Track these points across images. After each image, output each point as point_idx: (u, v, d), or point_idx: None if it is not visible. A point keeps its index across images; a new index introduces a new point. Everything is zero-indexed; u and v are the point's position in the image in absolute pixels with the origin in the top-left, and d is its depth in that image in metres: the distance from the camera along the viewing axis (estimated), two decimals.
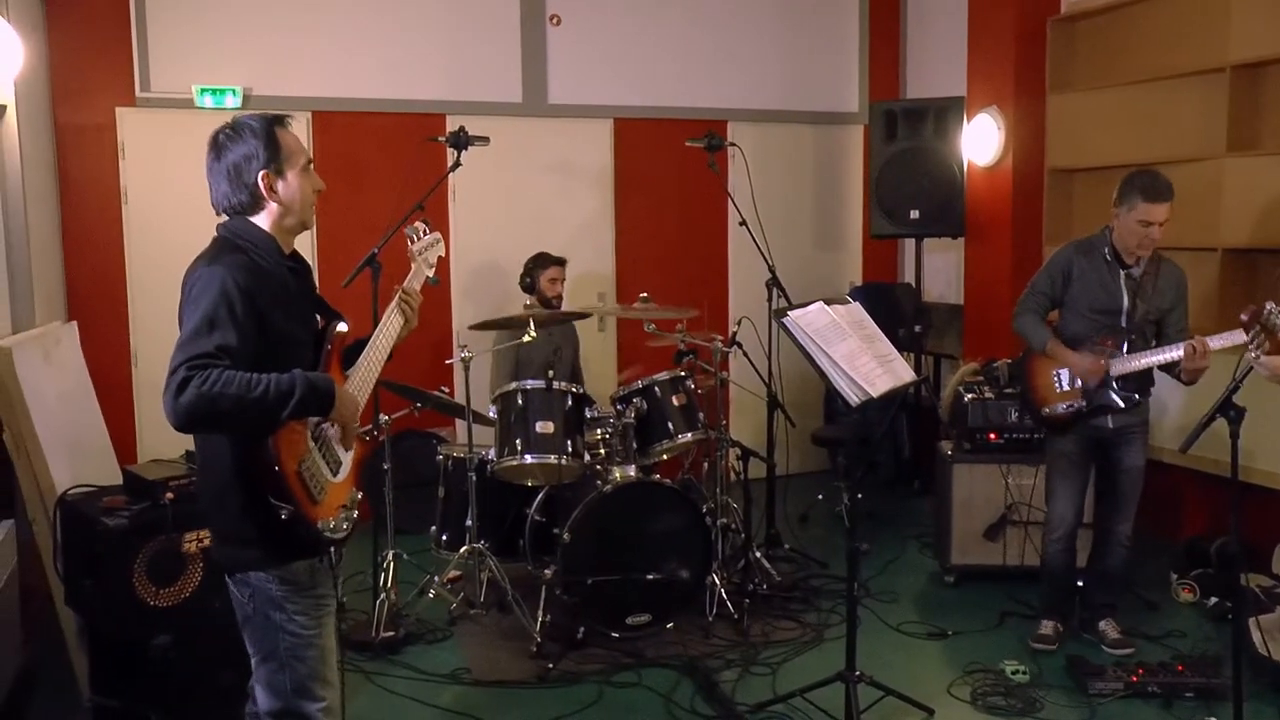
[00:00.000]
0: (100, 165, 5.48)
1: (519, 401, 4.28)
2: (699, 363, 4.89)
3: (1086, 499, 4.09)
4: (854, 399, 3.16)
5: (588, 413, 4.40)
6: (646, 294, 4.86)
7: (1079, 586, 4.15)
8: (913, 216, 6.07)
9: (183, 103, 5.52)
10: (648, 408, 4.47)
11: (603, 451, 4.44)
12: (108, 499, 3.42)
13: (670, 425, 4.47)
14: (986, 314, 5.94)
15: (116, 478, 3.68)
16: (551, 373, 4.34)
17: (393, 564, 4.36)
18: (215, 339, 2.13)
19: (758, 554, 4.73)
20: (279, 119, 2.39)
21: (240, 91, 5.58)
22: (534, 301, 5.33)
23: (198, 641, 3.29)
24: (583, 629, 4.13)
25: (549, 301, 5.29)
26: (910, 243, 6.59)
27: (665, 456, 4.64)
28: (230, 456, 2.28)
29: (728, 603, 4.35)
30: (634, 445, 4.43)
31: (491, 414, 4.42)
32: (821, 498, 6.04)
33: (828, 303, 3.38)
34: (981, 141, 5.98)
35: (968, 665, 3.94)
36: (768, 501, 5.19)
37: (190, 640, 3.31)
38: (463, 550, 4.41)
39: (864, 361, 3.24)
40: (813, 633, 4.27)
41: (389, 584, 4.30)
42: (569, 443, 4.23)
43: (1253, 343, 3.03)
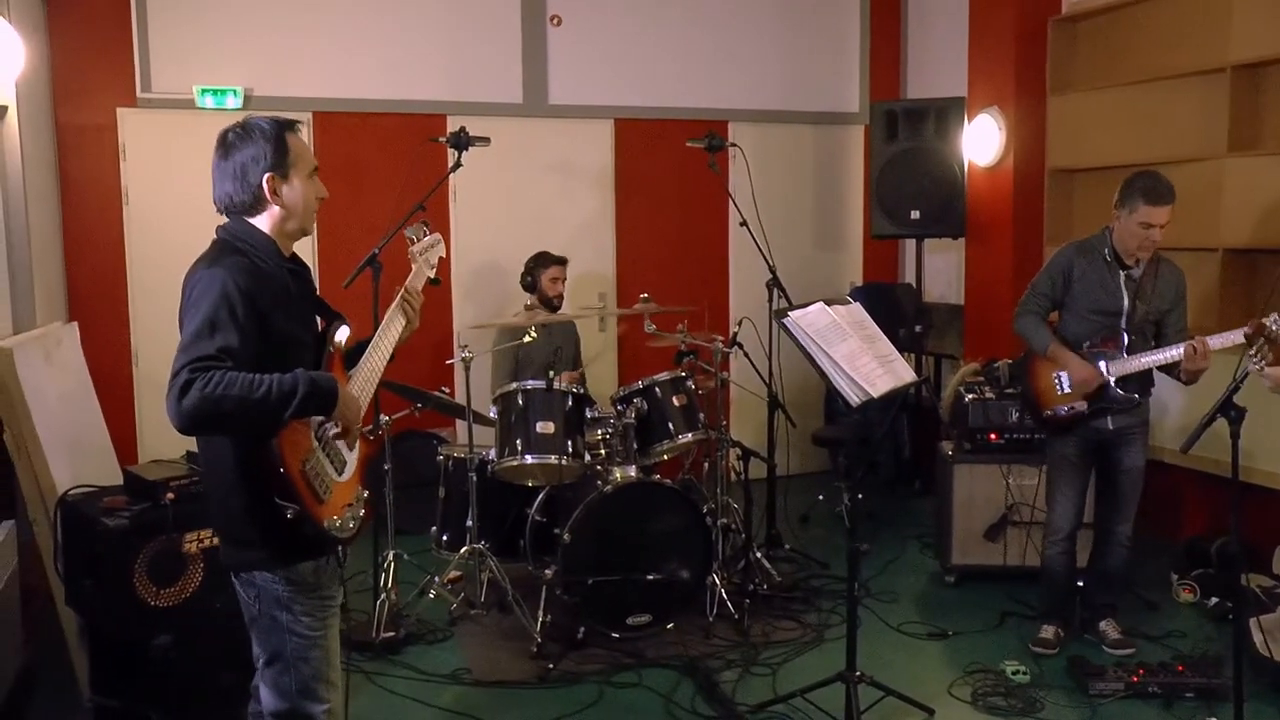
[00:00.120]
0: (101, 166, 5.49)
1: (519, 402, 4.28)
2: (699, 363, 4.89)
3: (1087, 500, 4.08)
4: (854, 399, 3.16)
5: (588, 413, 4.40)
6: (647, 294, 4.86)
7: (1079, 587, 4.15)
8: (913, 217, 6.07)
9: (183, 103, 5.52)
10: (648, 408, 4.47)
11: (603, 452, 4.44)
12: (108, 499, 3.43)
13: (671, 425, 4.47)
14: (987, 314, 5.94)
15: (117, 478, 3.68)
16: (552, 373, 4.34)
17: (393, 564, 4.37)
18: (217, 341, 2.14)
19: (758, 554, 4.73)
20: (290, 124, 2.40)
21: (241, 92, 5.59)
22: (534, 301, 5.33)
23: (198, 642, 3.30)
24: (583, 629, 4.13)
25: (550, 301, 5.28)
26: (911, 243, 6.59)
27: (666, 457, 4.64)
28: (235, 457, 2.28)
29: (728, 603, 4.35)
30: (634, 445, 4.43)
31: (492, 414, 4.42)
32: (822, 498, 6.04)
33: (828, 303, 3.38)
34: (982, 142, 5.98)
35: (968, 665, 3.94)
36: (768, 502, 5.19)
37: (191, 640, 3.32)
38: (463, 550, 4.41)
39: (864, 362, 3.24)
40: (813, 633, 4.27)
41: (389, 584, 4.30)
42: (569, 443, 4.23)
43: (1256, 355, 3.04)
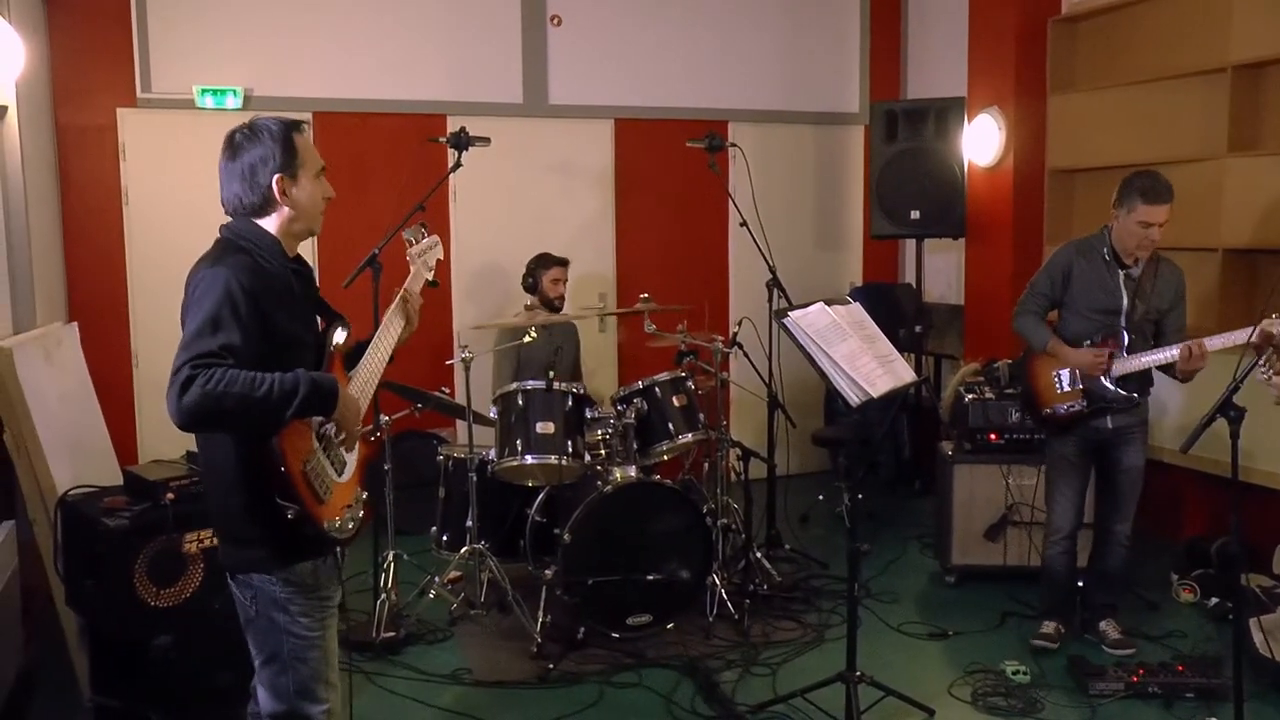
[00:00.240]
0: (101, 166, 5.49)
1: (519, 402, 4.28)
2: (699, 363, 4.88)
3: (1087, 500, 4.09)
4: (854, 399, 3.16)
5: (588, 413, 4.40)
6: (647, 294, 4.86)
7: (1079, 587, 4.15)
8: (913, 217, 6.07)
9: (184, 103, 5.52)
10: (648, 408, 4.47)
11: (603, 452, 4.44)
12: (108, 499, 3.43)
13: (671, 426, 4.47)
14: (987, 314, 5.94)
15: (117, 478, 3.68)
16: (552, 373, 4.34)
17: (393, 564, 4.37)
18: (219, 339, 2.14)
19: (758, 554, 4.73)
20: (296, 124, 2.40)
21: (241, 92, 5.59)
22: (535, 302, 5.32)
23: (198, 642, 3.30)
24: (583, 629, 4.13)
25: (551, 302, 5.28)
26: (911, 243, 6.58)
27: (666, 457, 4.64)
28: (235, 457, 2.28)
29: (728, 603, 4.34)
30: (634, 446, 4.43)
31: (492, 414, 4.42)
32: (822, 498, 6.04)
33: (828, 303, 3.38)
34: (982, 142, 5.98)
35: (968, 665, 3.94)
36: (768, 502, 5.19)
37: (191, 640, 3.32)
38: (463, 551, 4.41)
39: (864, 362, 3.24)
40: (813, 633, 4.27)
41: (389, 584, 4.30)
42: (569, 443, 4.23)
43: (1264, 364, 3.05)
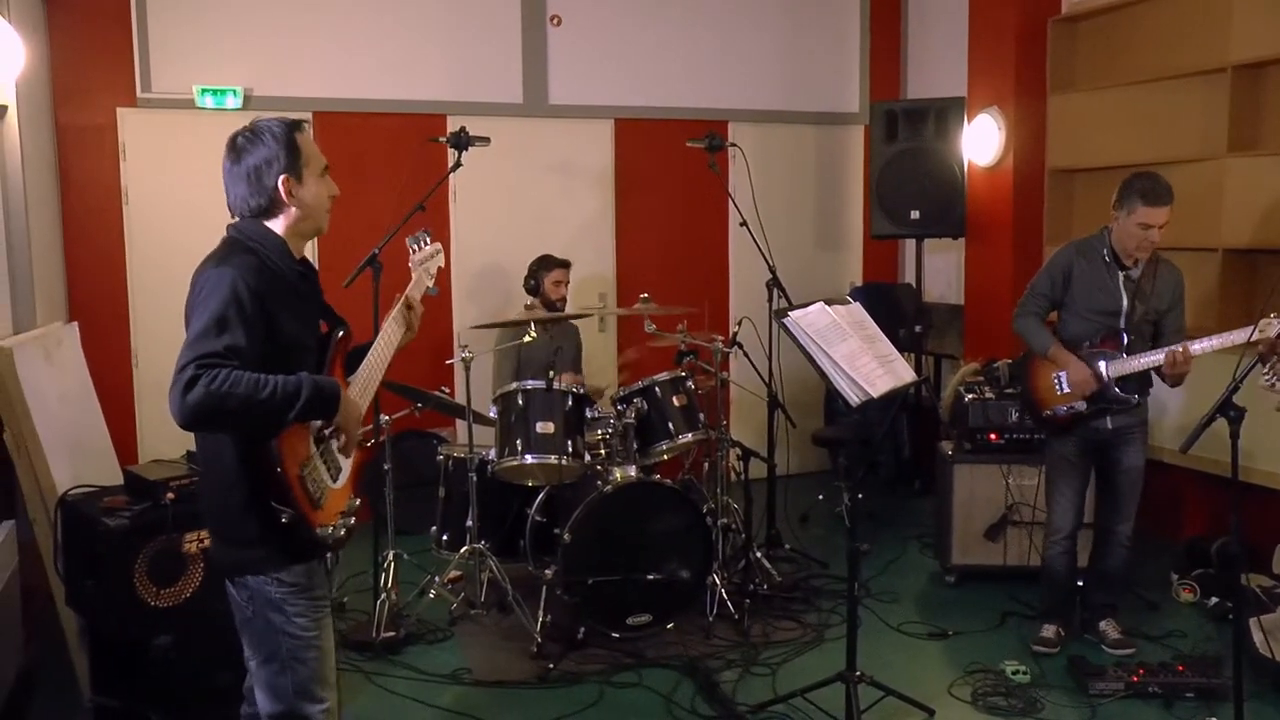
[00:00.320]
0: (101, 166, 5.48)
1: (519, 402, 4.28)
2: (699, 363, 4.88)
3: (1087, 500, 4.08)
4: (854, 399, 3.16)
5: (588, 413, 4.40)
6: (647, 294, 4.86)
7: (1080, 587, 4.15)
8: (913, 217, 6.07)
9: (184, 103, 5.52)
10: (648, 408, 4.47)
11: (603, 452, 4.44)
12: (109, 499, 3.43)
13: (671, 425, 4.47)
14: (987, 314, 5.94)
15: (117, 478, 3.68)
16: (552, 373, 4.34)
17: (393, 564, 4.36)
18: (225, 339, 2.14)
19: (758, 554, 4.73)
20: (298, 124, 2.40)
21: (241, 92, 5.59)
22: (535, 303, 5.33)
23: (198, 642, 3.29)
24: (583, 629, 4.13)
25: (553, 304, 5.28)
26: (911, 243, 6.58)
27: (666, 457, 4.64)
28: (233, 458, 2.28)
29: (728, 603, 4.35)
30: (634, 445, 4.43)
31: (492, 414, 4.42)
32: (822, 498, 6.04)
33: (828, 303, 3.38)
34: (982, 142, 5.98)
35: (968, 665, 3.94)
36: (768, 502, 5.19)
37: (191, 640, 3.32)
38: (463, 550, 4.41)
39: (864, 362, 3.24)
40: (813, 633, 4.27)
41: (389, 584, 4.30)
42: (569, 443, 4.23)
43: (1268, 372, 3.06)
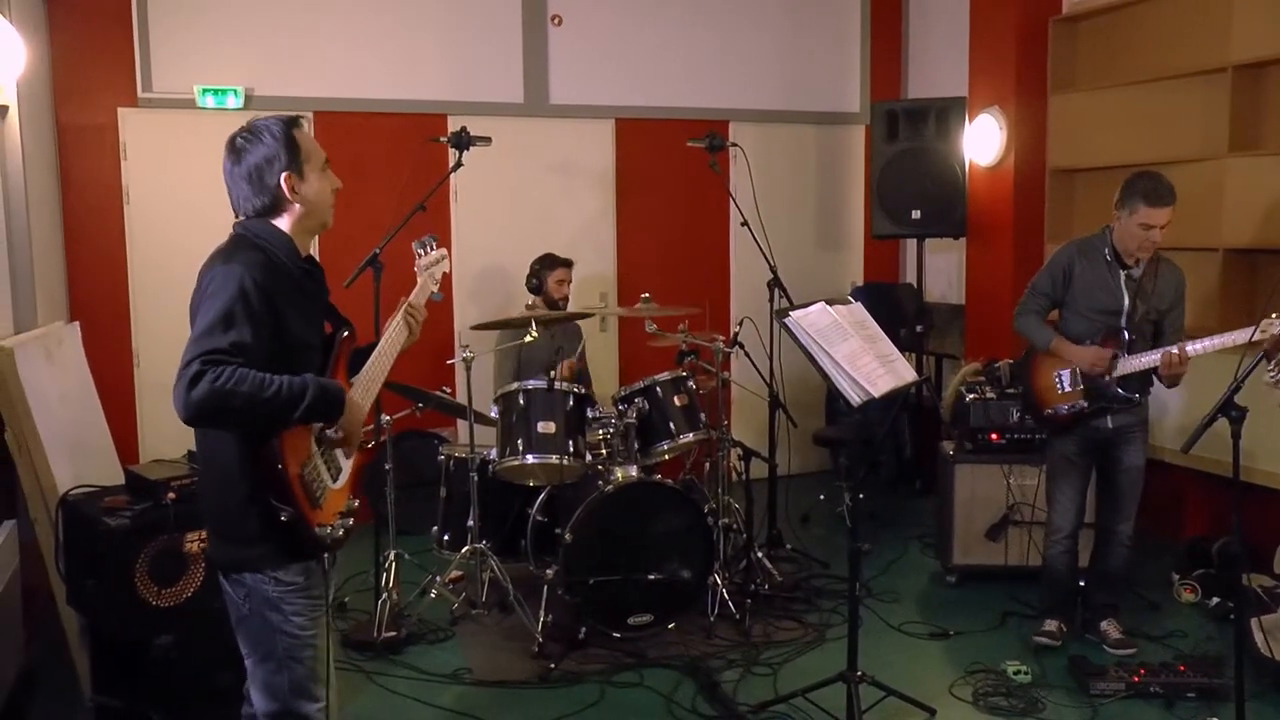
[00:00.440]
0: (102, 166, 5.48)
1: (520, 401, 4.28)
2: (700, 363, 4.88)
3: (1088, 499, 4.08)
4: (856, 399, 3.16)
5: (589, 413, 4.40)
6: (648, 294, 4.86)
7: (1081, 587, 4.15)
8: (914, 217, 6.06)
9: (184, 103, 5.52)
10: (649, 408, 4.47)
11: (604, 451, 4.44)
12: (110, 499, 3.42)
13: (672, 425, 4.47)
14: (988, 314, 5.94)
15: (118, 478, 3.68)
16: (553, 373, 4.34)
17: (394, 564, 4.36)
18: (230, 336, 2.13)
19: (759, 554, 4.72)
20: (294, 120, 2.39)
21: (242, 92, 5.59)
22: (537, 302, 5.33)
23: (199, 641, 3.29)
24: (584, 629, 4.13)
25: (555, 303, 5.28)
26: (912, 243, 6.58)
27: (667, 457, 4.64)
28: (234, 455, 2.27)
29: (729, 603, 4.34)
30: (635, 445, 4.43)
31: (493, 414, 4.42)
32: (823, 498, 6.03)
33: (829, 303, 3.38)
34: (983, 141, 5.98)
35: (969, 665, 3.94)
36: (769, 502, 5.18)
37: (192, 640, 3.31)
38: (464, 550, 4.41)
39: (866, 361, 3.24)
40: (814, 633, 4.27)
41: (391, 584, 4.30)
42: (570, 443, 4.23)
43: (1274, 368, 3.06)
